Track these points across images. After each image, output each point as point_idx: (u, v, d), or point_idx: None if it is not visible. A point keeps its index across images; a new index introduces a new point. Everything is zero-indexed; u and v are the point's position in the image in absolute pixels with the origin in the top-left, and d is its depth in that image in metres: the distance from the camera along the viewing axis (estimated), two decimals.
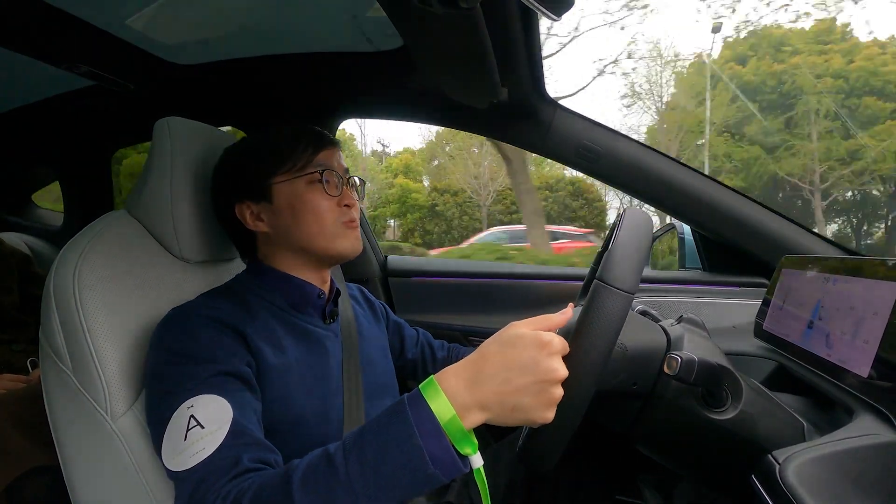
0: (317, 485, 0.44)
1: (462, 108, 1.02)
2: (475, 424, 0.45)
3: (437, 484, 0.45)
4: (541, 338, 0.45)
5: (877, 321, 0.50)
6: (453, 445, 0.44)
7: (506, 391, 0.44)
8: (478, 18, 0.61)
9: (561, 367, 0.45)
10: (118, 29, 0.95)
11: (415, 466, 0.43)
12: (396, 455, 0.43)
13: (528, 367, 0.44)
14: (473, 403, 0.44)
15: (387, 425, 0.45)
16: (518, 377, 0.44)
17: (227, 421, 0.52)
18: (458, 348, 1.00)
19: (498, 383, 0.44)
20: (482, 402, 0.44)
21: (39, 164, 1.78)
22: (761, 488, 0.43)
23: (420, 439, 0.43)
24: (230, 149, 0.75)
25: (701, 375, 0.49)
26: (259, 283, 0.71)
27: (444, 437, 0.43)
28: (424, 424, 0.43)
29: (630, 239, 0.52)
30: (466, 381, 0.45)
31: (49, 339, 0.63)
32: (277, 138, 0.71)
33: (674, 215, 1.09)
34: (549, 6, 0.55)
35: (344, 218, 0.71)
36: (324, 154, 0.71)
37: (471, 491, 0.81)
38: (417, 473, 0.43)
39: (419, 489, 0.44)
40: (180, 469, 0.51)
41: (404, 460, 0.43)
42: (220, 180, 0.74)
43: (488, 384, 0.44)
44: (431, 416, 0.44)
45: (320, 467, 0.45)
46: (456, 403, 0.44)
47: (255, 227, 0.71)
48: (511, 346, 0.45)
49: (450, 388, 0.45)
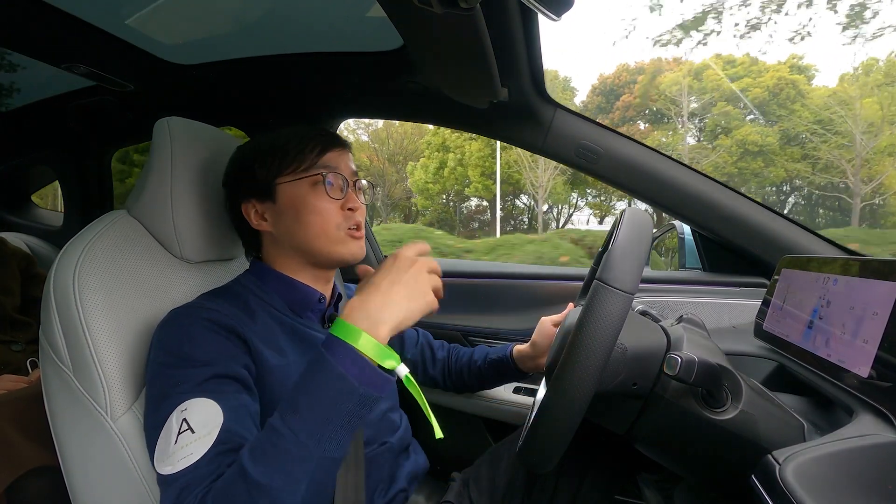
0: (265, 453, 0.47)
1: (462, 108, 1.02)
2: (384, 335, 0.51)
3: (375, 401, 0.49)
4: (392, 254, 0.58)
5: (877, 321, 0.50)
6: (377, 364, 0.50)
7: (390, 293, 0.53)
8: (478, 18, 0.61)
9: (412, 258, 0.56)
10: (118, 29, 0.95)
11: (345, 392, 0.48)
12: (326, 392, 0.48)
13: (391, 269, 0.55)
14: (375, 318, 0.51)
15: (311, 373, 0.50)
16: (391, 281, 0.54)
17: (216, 426, 0.52)
18: (457, 348, 1.00)
19: (382, 293, 0.53)
20: (379, 310, 0.52)
21: (39, 164, 1.78)
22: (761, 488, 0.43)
23: (340, 367, 0.48)
24: (242, 146, 0.75)
25: (701, 376, 0.49)
26: (260, 285, 0.71)
27: (360, 357, 0.49)
28: (339, 354, 0.49)
29: (630, 239, 0.52)
30: (361, 304, 0.52)
31: (49, 340, 0.63)
32: (285, 138, 0.70)
33: (674, 215, 1.09)
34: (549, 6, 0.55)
35: (348, 223, 0.70)
36: (331, 155, 0.70)
37: (471, 490, 0.81)
38: (352, 398, 0.48)
39: (361, 414, 0.49)
40: (168, 472, 0.51)
41: (334, 393, 0.48)
42: (229, 177, 0.74)
43: (375, 297, 0.53)
44: (344, 344, 0.49)
45: (264, 437, 0.49)
46: (362, 324, 0.50)
47: (259, 226, 0.71)
48: (380, 269, 0.56)
49: (351, 317, 0.51)
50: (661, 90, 17.29)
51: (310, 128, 0.72)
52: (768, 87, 16.07)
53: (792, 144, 15.55)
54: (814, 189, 16.12)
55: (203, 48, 1.08)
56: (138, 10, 0.91)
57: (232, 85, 1.19)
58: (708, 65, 16.90)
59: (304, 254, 0.71)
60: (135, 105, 1.28)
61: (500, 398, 1.10)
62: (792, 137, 15.47)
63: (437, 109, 1.13)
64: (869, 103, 14.02)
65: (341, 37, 1.01)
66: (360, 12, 0.92)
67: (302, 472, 0.47)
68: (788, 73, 16.16)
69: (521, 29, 0.78)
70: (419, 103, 1.13)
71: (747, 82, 16.47)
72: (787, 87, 15.83)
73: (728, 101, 16.54)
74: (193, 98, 1.25)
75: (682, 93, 16.77)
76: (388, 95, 1.16)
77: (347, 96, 1.21)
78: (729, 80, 16.59)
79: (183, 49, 1.07)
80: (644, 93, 18.00)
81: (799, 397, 0.63)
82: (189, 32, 1.02)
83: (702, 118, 17.69)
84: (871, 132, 13.81)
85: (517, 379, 0.94)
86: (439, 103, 1.09)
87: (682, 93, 16.77)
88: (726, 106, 16.50)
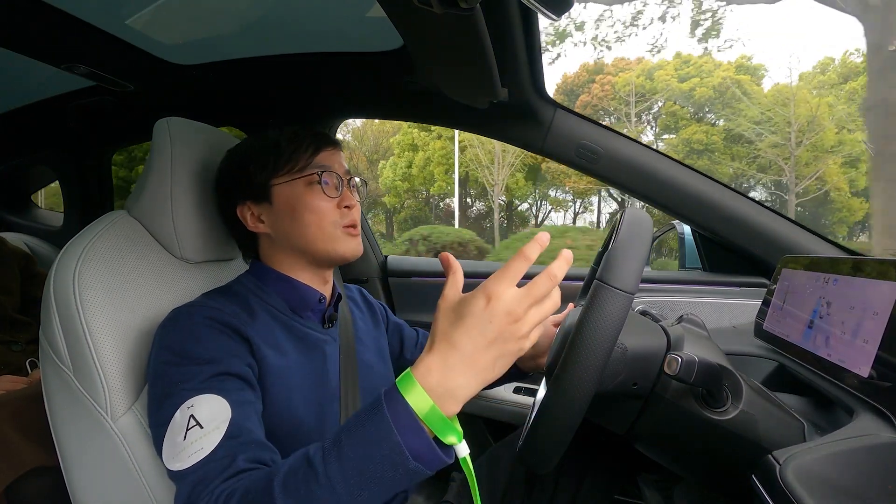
0: (297, 488, 0.44)
1: (462, 108, 1.02)
2: (455, 410, 0.44)
3: (422, 477, 0.44)
4: (484, 291, 0.44)
5: (877, 321, 0.50)
6: (436, 436, 0.44)
7: (475, 360, 0.44)
8: (478, 18, 0.61)
9: (513, 306, 0.44)
10: (118, 29, 0.95)
11: (395, 462, 0.43)
12: (375, 452, 0.43)
13: (484, 325, 0.43)
14: (450, 391, 0.44)
15: (363, 423, 0.44)
16: (478, 343, 0.43)
17: (224, 420, 0.53)
18: None
19: (466, 359, 0.43)
20: (458, 382, 0.44)
21: (39, 164, 1.78)
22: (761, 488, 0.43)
23: (398, 435, 0.42)
24: (232, 150, 0.75)
25: (701, 376, 0.49)
26: (260, 285, 0.71)
27: (422, 429, 0.43)
28: (401, 419, 0.43)
29: (630, 239, 0.52)
30: (440, 367, 0.44)
31: (49, 340, 0.63)
32: (277, 139, 0.70)
33: (674, 215, 1.09)
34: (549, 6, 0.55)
35: (344, 221, 0.71)
36: (324, 155, 0.71)
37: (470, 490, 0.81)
38: (399, 469, 0.43)
39: (403, 484, 0.44)
40: (179, 468, 0.51)
41: (384, 457, 0.43)
42: (222, 181, 0.74)
43: (457, 363, 0.44)
44: (408, 410, 0.43)
45: (300, 470, 0.45)
46: (433, 393, 0.43)
47: (256, 228, 0.71)
48: (461, 316, 0.44)
49: (424, 379, 0.44)
50: (616, 90, 17.49)
51: (302, 128, 0.72)
52: (714, 87, 16.45)
53: (736, 144, 16.03)
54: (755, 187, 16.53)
55: (203, 48, 1.08)
56: (138, 10, 0.91)
57: (232, 85, 1.19)
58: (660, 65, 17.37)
59: (303, 253, 0.71)
60: (135, 105, 1.28)
61: (500, 398, 1.10)
62: (735, 137, 15.94)
63: (437, 109, 1.13)
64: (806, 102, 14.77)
65: (341, 37, 1.01)
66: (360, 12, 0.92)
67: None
68: (734, 74, 16.63)
69: (521, 29, 0.78)
70: (419, 103, 1.13)
71: (695, 82, 16.87)
72: (733, 87, 16.24)
73: (676, 101, 17.01)
74: (193, 98, 1.25)
75: (632, 93, 17.04)
76: (388, 95, 1.16)
77: (347, 96, 1.21)
78: (679, 80, 16.96)
79: (183, 49, 1.07)
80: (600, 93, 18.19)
81: (799, 397, 0.63)
82: (189, 32, 1.02)
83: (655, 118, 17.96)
84: (812, 131, 14.45)
85: (517, 379, 0.94)
86: (439, 103, 1.09)
87: (632, 93, 17.04)
88: (673, 105, 16.92)
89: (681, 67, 17.23)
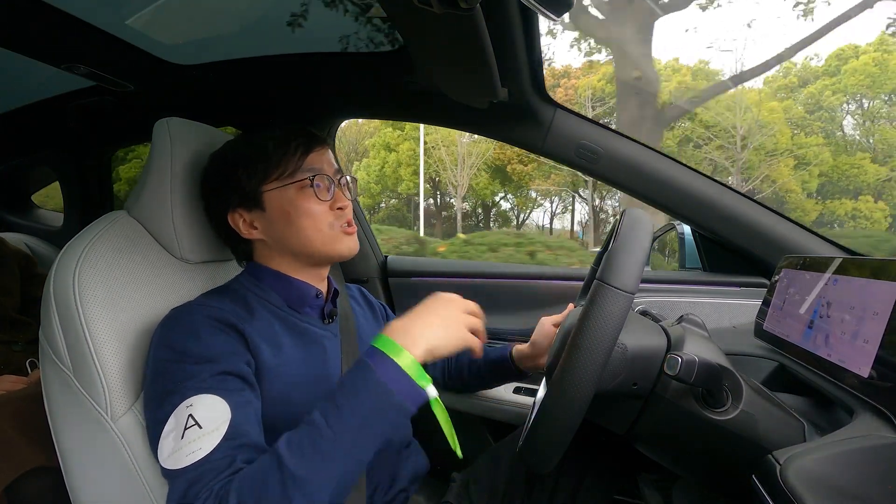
0: (303, 447, 0.49)
1: (462, 109, 1.02)
2: (422, 356, 0.54)
3: (408, 414, 0.52)
4: (438, 293, 0.62)
5: (877, 321, 0.50)
6: (411, 378, 0.52)
7: (428, 320, 0.57)
8: (478, 18, 0.61)
9: (456, 300, 0.62)
10: (118, 29, 0.95)
11: (386, 401, 0.51)
12: (367, 398, 0.51)
13: (435, 307, 0.59)
14: (414, 339, 0.54)
15: (353, 378, 0.52)
16: (429, 311, 0.58)
17: (224, 421, 0.53)
18: None
19: (421, 319, 0.57)
20: (419, 336, 0.54)
21: (39, 164, 1.78)
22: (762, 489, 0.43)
23: (383, 378, 0.51)
24: (217, 155, 0.73)
25: (701, 376, 0.49)
26: (257, 283, 0.71)
27: (400, 370, 0.52)
28: (381, 365, 0.52)
29: (630, 239, 0.52)
30: (402, 326, 0.55)
31: (49, 340, 0.63)
32: (265, 143, 0.69)
33: (674, 215, 1.09)
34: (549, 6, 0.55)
35: (340, 221, 0.70)
36: (313, 156, 0.70)
37: (471, 491, 0.81)
38: (391, 407, 0.51)
39: (395, 422, 0.51)
40: (175, 467, 0.51)
41: (375, 400, 0.51)
42: (210, 188, 0.73)
43: (415, 321, 0.56)
44: (386, 357, 0.52)
45: (303, 432, 0.50)
46: (403, 342, 0.53)
47: (250, 234, 0.71)
48: (422, 304, 0.59)
49: (394, 335, 0.54)
50: (578, 94, 17.75)
51: (288, 129, 0.71)
52: (671, 92, 17.07)
53: (685, 146, 16.56)
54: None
55: (203, 48, 1.08)
56: (138, 10, 0.91)
57: (232, 85, 1.19)
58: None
59: (300, 256, 0.71)
60: (135, 105, 1.28)
61: (500, 398, 1.10)
62: (685, 140, 16.53)
63: (437, 109, 1.13)
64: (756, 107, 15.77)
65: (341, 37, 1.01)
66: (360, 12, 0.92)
67: (335, 470, 0.49)
68: (690, 80, 17.33)
69: (521, 29, 0.78)
70: (419, 103, 1.13)
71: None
72: (687, 92, 16.94)
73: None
74: (193, 98, 1.25)
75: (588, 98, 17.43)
76: (388, 95, 1.16)
77: (347, 96, 1.21)
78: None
79: (183, 49, 1.07)
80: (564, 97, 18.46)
81: (799, 397, 0.63)
82: (189, 32, 1.02)
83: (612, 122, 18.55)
84: (757, 135, 15.32)
85: (517, 379, 0.94)
86: (439, 103, 1.09)
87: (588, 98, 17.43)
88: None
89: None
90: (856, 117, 18.07)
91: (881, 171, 16.03)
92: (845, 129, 18.06)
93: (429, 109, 1.15)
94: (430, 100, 1.10)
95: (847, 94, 17.35)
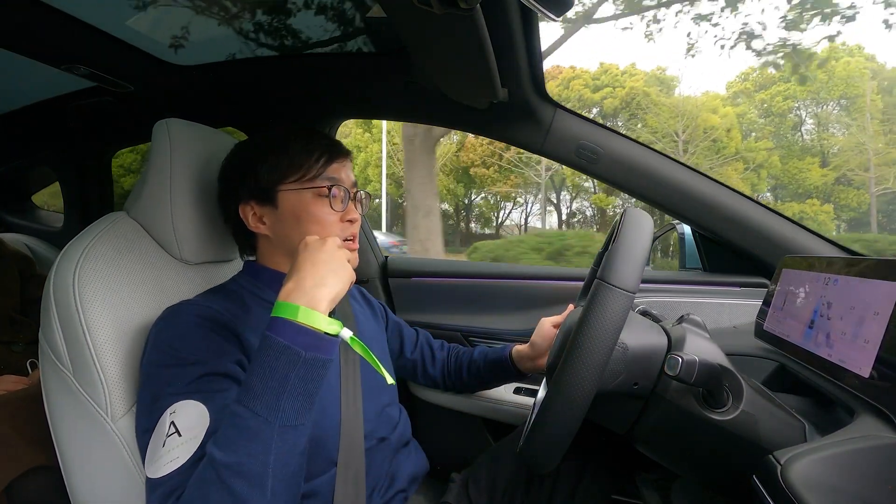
0: (227, 436, 0.49)
1: (462, 108, 1.02)
2: (326, 307, 0.53)
3: (324, 365, 0.52)
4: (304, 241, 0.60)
5: (878, 321, 0.50)
6: (318, 330, 0.52)
7: (316, 272, 0.55)
8: (478, 18, 0.61)
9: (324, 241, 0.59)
10: (118, 30, 0.95)
11: (293, 360, 0.50)
12: (275, 365, 0.50)
13: (311, 255, 0.57)
14: (311, 295, 0.53)
15: (258, 354, 0.51)
16: (312, 262, 0.56)
17: (203, 429, 0.53)
18: (457, 348, 1.00)
19: (310, 273, 0.55)
20: (315, 290, 0.54)
21: (39, 165, 1.78)
22: (762, 489, 0.43)
23: (283, 340, 0.50)
24: (241, 146, 0.74)
25: (702, 376, 0.49)
26: (255, 283, 0.72)
27: (301, 326, 0.51)
28: (280, 329, 0.51)
29: (631, 239, 0.52)
30: (296, 286, 0.54)
31: (49, 341, 0.63)
32: (290, 143, 0.70)
33: (674, 215, 1.09)
34: (549, 6, 0.55)
35: (345, 234, 0.71)
36: (335, 166, 0.70)
37: (470, 491, 0.81)
38: (299, 364, 0.50)
39: (311, 376, 0.51)
40: (154, 476, 0.52)
41: (282, 364, 0.50)
42: (227, 177, 0.73)
43: (305, 277, 0.55)
44: (284, 321, 0.51)
45: (226, 422, 0.50)
46: (301, 302, 0.52)
47: (256, 228, 0.71)
48: (298, 257, 0.58)
49: (290, 297, 0.53)
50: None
51: (313, 133, 0.72)
52: (622, 98, 17.31)
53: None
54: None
55: (203, 48, 1.08)
56: (138, 11, 0.91)
57: (232, 85, 1.19)
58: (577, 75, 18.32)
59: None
60: (134, 106, 1.28)
61: (500, 398, 1.10)
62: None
63: (437, 109, 1.13)
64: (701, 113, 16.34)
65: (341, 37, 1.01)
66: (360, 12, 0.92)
67: (264, 444, 0.49)
68: (642, 85, 17.57)
69: (520, 29, 0.78)
70: (419, 103, 1.13)
71: (607, 91, 17.72)
72: (638, 97, 17.21)
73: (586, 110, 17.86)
74: (193, 98, 1.25)
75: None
76: (388, 95, 1.16)
77: (347, 96, 1.21)
78: (594, 89, 18.00)
79: (183, 49, 1.07)
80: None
81: (800, 397, 0.63)
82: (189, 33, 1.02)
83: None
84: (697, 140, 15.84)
85: (516, 379, 0.94)
86: (439, 103, 1.09)
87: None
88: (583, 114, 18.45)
89: (598, 77, 18.19)
90: (807, 123, 18.89)
91: (829, 175, 16.63)
92: (795, 134, 18.77)
93: (429, 109, 1.15)
94: (430, 100, 1.10)
95: (797, 99, 18.06)
